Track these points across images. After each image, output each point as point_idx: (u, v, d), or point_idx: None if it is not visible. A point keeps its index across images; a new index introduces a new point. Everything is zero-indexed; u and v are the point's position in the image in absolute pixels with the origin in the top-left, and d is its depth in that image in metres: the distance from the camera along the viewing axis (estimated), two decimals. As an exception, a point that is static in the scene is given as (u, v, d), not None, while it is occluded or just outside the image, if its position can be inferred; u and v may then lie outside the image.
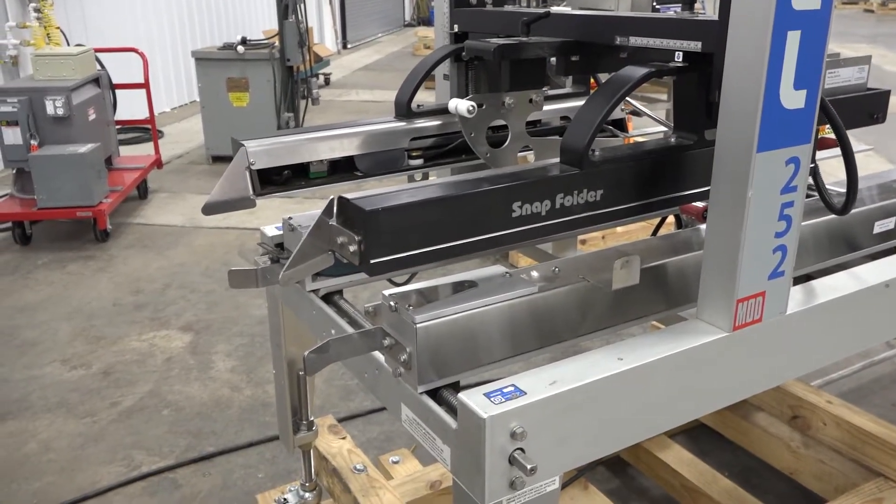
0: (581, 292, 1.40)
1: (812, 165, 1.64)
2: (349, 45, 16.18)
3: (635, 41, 1.42)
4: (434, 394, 1.30)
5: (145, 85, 6.17)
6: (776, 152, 1.26)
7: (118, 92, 6.24)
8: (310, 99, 7.26)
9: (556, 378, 1.21)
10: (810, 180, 1.69)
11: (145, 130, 7.60)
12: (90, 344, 3.88)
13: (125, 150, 6.98)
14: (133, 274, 4.77)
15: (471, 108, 1.52)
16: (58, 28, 6.53)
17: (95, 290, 4.56)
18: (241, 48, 6.70)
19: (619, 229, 4.15)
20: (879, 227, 1.87)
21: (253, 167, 1.56)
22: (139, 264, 4.92)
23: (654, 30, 1.37)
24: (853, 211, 1.81)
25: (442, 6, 1.96)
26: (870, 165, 6.40)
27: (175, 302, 4.35)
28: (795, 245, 1.36)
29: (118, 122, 6.19)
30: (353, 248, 1.15)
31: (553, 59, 1.60)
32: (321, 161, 1.66)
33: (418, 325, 1.23)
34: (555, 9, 1.58)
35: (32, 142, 4.96)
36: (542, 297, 1.36)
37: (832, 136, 2.21)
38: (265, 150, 1.58)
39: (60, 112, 5.00)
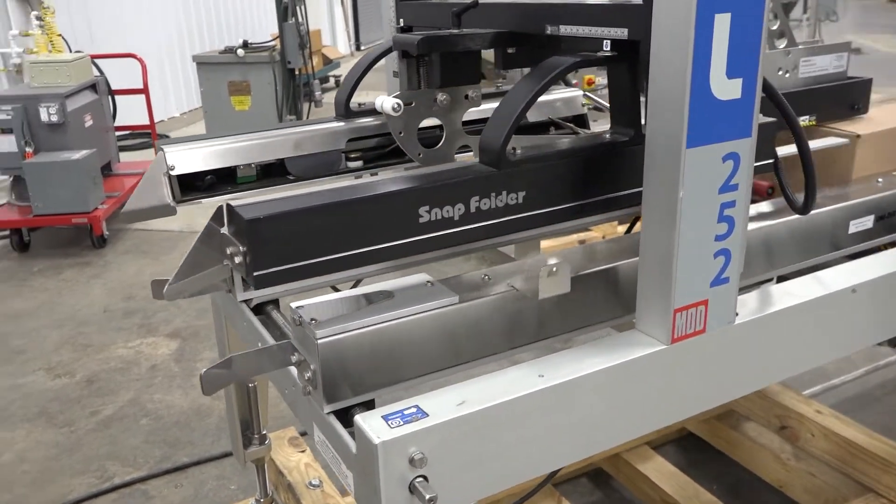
0: (509, 302, 1.30)
1: (772, 161, 1.53)
2: (363, 47, 16.14)
3: (566, 30, 1.31)
4: (347, 413, 1.21)
5: (144, 90, 6.16)
6: (710, 147, 1.15)
7: (124, 98, 6.25)
8: (312, 101, 7.21)
9: (465, 398, 1.11)
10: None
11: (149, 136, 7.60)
12: (77, 352, 3.85)
13: (129, 156, 6.99)
14: (127, 280, 4.74)
15: (396, 106, 1.42)
16: (59, 35, 6.51)
17: (88, 296, 4.53)
18: (241, 51, 6.67)
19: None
20: (855, 226, 1.75)
21: (172, 172, 1.48)
22: (134, 270, 4.89)
23: (582, 17, 1.27)
24: (826, 209, 1.70)
25: (388, 0, 1.87)
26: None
27: (165, 308, 4.30)
28: (741, 249, 1.25)
29: (118, 128, 6.18)
30: (238, 259, 1.07)
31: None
32: (249, 165, 1.58)
33: (319, 341, 1.14)
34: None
35: (27, 149, 4.95)
36: (464, 307, 1.26)
37: (813, 128, 2.09)
38: (186, 154, 1.50)
39: (55, 119, 4.98)
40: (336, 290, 1.77)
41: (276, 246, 1.05)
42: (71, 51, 6.60)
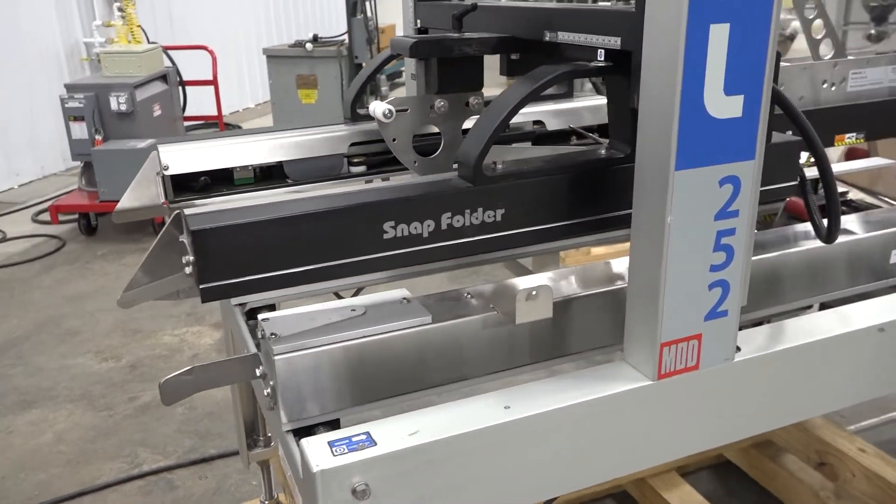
0: (490, 325, 1.22)
1: (797, 182, 1.40)
2: (440, 43, 16.12)
3: (563, 37, 1.23)
4: (311, 431, 1.16)
5: (213, 81, 6.29)
6: (704, 170, 1.05)
7: (199, 89, 6.41)
8: (379, 97, 7.22)
9: (419, 427, 1.04)
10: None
11: (227, 126, 7.78)
12: (126, 337, 3.96)
13: (199, 145, 7.17)
14: (183, 268, 4.84)
15: (387, 112, 1.36)
16: (139, 26, 6.74)
17: (145, 282, 4.65)
18: (309, 45, 6.74)
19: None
20: (898, 256, 1.59)
21: (166, 172, 1.47)
22: (191, 258, 5.00)
23: (576, 24, 1.18)
24: (863, 236, 1.55)
25: (408, 1, 1.81)
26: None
27: (215, 298, 4.37)
28: (742, 281, 1.14)
29: (188, 118, 6.34)
30: (189, 270, 1.03)
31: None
32: (246, 167, 1.55)
33: (276, 357, 1.10)
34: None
35: (97, 136, 5.13)
36: (438, 328, 1.19)
37: (862, 146, 1.92)
38: (181, 154, 1.48)
39: (124, 108, 5.14)
40: (339, 296, 1.74)
41: (224, 258, 1.01)
42: (149, 41, 6.82)
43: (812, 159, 1.83)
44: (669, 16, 0.98)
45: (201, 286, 1.01)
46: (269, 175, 1.60)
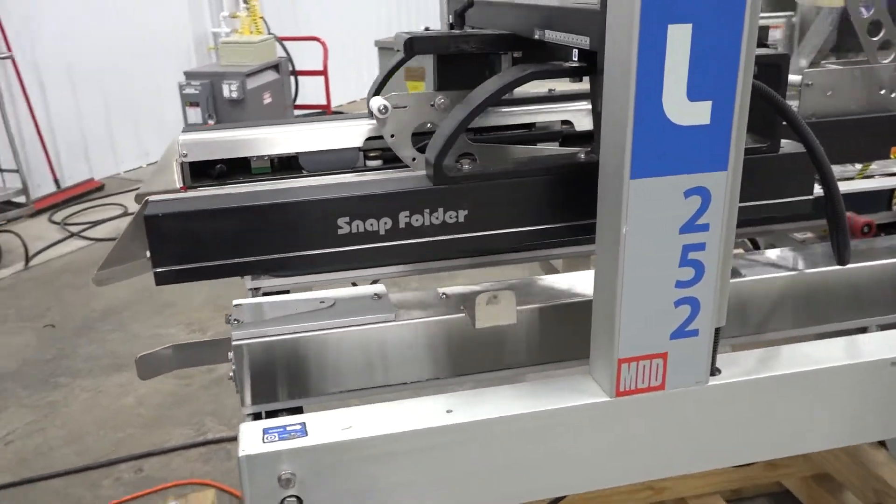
0: (457, 326, 1.21)
1: (812, 197, 1.29)
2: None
3: (549, 35, 1.19)
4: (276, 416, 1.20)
5: (324, 72, 6.50)
6: (664, 180, 0.99)
7: (315, 79, 6.66)
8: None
9: (353, 422, 1.05)
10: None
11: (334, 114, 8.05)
12: (215, 311, 4.18)
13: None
14: (278, 250, 5.06)
15: (382, 108, 1.36)
16: (262, 18, 7.06)
17: (241, 261, 4.90)
18: (418, 38, 6.82)
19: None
20: (946, 283, 1.43)
21: (185, 159, 1.54)
22: (287, 241, 5.22)
23: (555, 22, 1.14)
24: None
25: (444, -3, 1.81)
26: None
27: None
28: (716, 299, 1.06)
29: (297, 107, 6.60)
30: (148, 253, 1.08)
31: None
32: (262, 157, 1.60)
33: (234, 343, 1.14)
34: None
35: (210, 121, 5.44)
36: (398, 326, 1.19)
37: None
38: (200, 142, 1.55)
39: (235, 95, 5.42)
40: (354, 284, 1.76)
41: (174, 244, 1.05)
42: (270, 33, 7.15)
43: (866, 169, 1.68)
44: (625, 15, 0.93)
45: (155, 270, 1.06)
46: (288, 165, 1.64)
